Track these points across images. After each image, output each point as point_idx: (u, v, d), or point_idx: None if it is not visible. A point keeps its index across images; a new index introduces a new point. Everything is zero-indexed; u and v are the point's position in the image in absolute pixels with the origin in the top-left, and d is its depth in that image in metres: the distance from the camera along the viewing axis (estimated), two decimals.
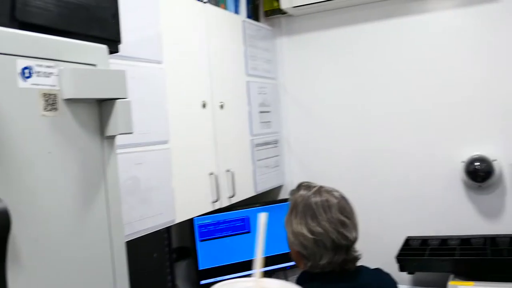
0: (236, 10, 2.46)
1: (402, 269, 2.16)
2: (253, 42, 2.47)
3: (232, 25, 2.31)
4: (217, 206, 2.04)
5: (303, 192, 1.50)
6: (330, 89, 2.66)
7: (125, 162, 1.53)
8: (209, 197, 2.01)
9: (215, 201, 2.02)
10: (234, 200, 2.18)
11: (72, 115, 0.99)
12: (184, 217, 1.86)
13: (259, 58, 2.53)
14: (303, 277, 1.49)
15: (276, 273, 2.54)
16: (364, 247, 1.51)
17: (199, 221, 2.24)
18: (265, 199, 2.57)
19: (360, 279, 1.47)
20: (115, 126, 1.08)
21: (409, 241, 2.38)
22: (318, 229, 1.40)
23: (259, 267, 0.55)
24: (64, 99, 0.97)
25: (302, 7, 2.54)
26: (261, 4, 2.72)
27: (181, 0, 1.94)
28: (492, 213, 2.36)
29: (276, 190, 2.73)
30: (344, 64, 2.62)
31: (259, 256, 0.55)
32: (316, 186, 1.51)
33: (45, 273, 0.91)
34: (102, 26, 1.20)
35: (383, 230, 2.50)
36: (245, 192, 2.29)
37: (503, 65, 2.30)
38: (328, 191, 1.49)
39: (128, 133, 1.10)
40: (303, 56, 2.71)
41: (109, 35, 1.22)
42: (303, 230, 1.41)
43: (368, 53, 2.57)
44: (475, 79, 2.35)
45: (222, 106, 2.14)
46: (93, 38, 1.13)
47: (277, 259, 2.38)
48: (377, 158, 2.57)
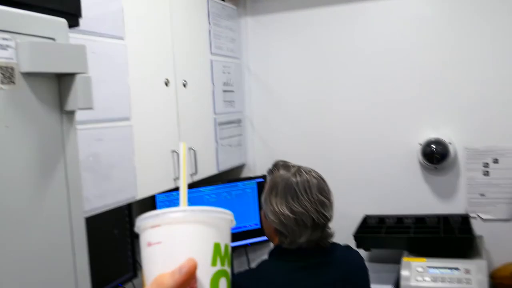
0: None
1: (359, 246, 2.23)
2: (217, 20, 2.46)
3: (197, 2, 2.29)
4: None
5: (282, 172, 1.53)
6: (292, 70, 2.69)
7: (85, 138, 1.52)
8: (171, 174, 2.01)
9: (177, 178, 2.03)
10: (196, 178, 2.19)
11: (30, 89, 0.98)
12: (146, 193, 1.86)
13: (223, 37, 2.52)
14: (278, 251, 1.53)
15: (238, 249, 2.58)
16: None
17: (160, 198, 2.24)
18: (227, 177, 2.60)
19: (333, 254, 1.54)
20: (74, 101, 1.07)
21: (366, 219, 2.45)
22: (300, 209, 1.45)
23: (184, 198, 0.55)
24: (22, 72, 0.96)
25: None
26: None
27: None
28: (446, 193, 2.45)
29: (238, 169, 2.75)
30: (307, 46, 2.65)
31: (184, 188, 0.56)
32: (295, 166, 1.56)
33: (1, 250, 0.91)
34: None
35: (342, 209, 2.55)
36: (207, 170, 2.30)
37: (462, 50, 2.37)
38: (307, 171, 1.54)
39: (87, 108, 1.10)
40: (267, 36, 2.72)
41: (68, 9, 1.20)
42: (284, 210, 1.45)
43: (331, 35, 2.60)
44: (434, 64, 2.41)
45: (185, 85, 2.14)
46: (52, 11, 1.11)
47: (239, 236, 2.42)
48: (337, 139, 2.62)
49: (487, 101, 2.34)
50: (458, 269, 1.95)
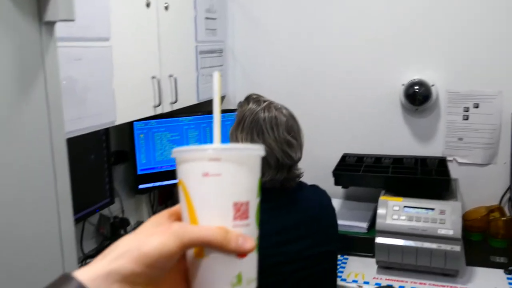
0: None
1: (337, 183, 2.23)
2: None
3: None
4: (159, 111, 1.98)
5: (252, 106, 1.46)
6: (278, 2, 2.58)
7: (64, 57, 1.42)
8: (151, 101, 1.94)
9: (157, 105, 1.96)
10: (176, 107, 2.12)
11: None
12: (125, 119, 1.79)
13: None
14: None
15: None
16: (302, 161, 1.52)
17: (138, 126, 2.18)
18: (207, 108, 2.53)
19: (299, 194, 1.50)
20: (55, 11, 0.99)
21: (345, 158, 2.45)
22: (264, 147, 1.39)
23: (218, 135, 0.52)
24: None
25: None
26: None
27: None
28: (425, 136, 2.45)
29: None
30: None
31: (217, 124, 0.52)
32: (266, 101, 1.48)
33: None
34: None
35: (321, 147, 2.55)
36: (187, 99, 2.23)
37: None
38: (277, 107, 1.46)
39: (69, 20, 1.02)
40: None
41: None
42: None
43: None
44: (418, 7, 2.35)
45: (167, 8, 2.03)
46: None
47: None
48: (320, 77, 2.56)
49: (472, 45, 2.30)
50: (433, 209, 1.97)
